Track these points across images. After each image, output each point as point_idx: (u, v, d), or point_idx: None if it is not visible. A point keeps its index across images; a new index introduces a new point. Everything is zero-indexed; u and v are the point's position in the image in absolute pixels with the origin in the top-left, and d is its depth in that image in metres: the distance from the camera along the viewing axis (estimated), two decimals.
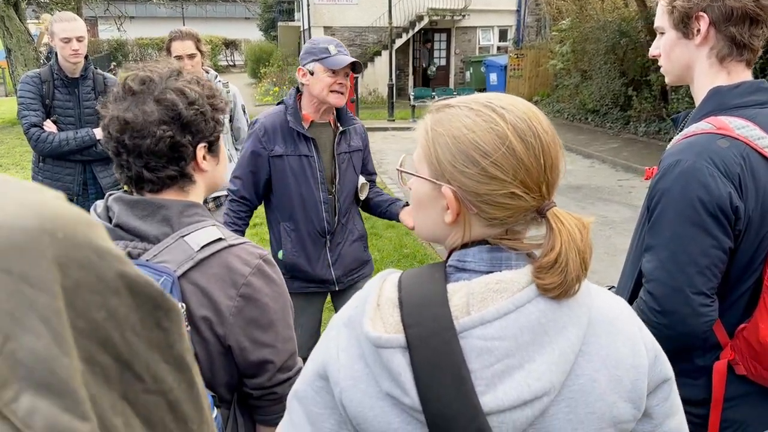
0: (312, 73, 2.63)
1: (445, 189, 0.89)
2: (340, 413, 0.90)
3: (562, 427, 0.85)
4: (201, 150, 1.32)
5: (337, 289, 2.90)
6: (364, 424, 0.86)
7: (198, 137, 1.30)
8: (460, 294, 0.86)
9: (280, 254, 2.84)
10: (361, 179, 2.93)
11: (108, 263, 0.45)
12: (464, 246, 0.92)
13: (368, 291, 0.92)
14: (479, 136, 0.87)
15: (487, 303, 0.85)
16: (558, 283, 0.83)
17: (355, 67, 2.65)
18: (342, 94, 2.66)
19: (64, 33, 3.49)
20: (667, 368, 0.94)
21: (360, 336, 0.87)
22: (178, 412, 0.50)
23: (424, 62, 22.02)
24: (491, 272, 0.88)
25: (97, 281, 0.44)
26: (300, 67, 2.69)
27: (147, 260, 1.20)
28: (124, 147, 1.25)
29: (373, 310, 0.88)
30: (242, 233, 2.82)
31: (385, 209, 2.95)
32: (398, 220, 2.77)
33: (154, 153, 1.25)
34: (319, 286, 2.89)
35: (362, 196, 2.94)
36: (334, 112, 2.81)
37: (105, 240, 0.46)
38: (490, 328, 0.83)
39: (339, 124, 2.82)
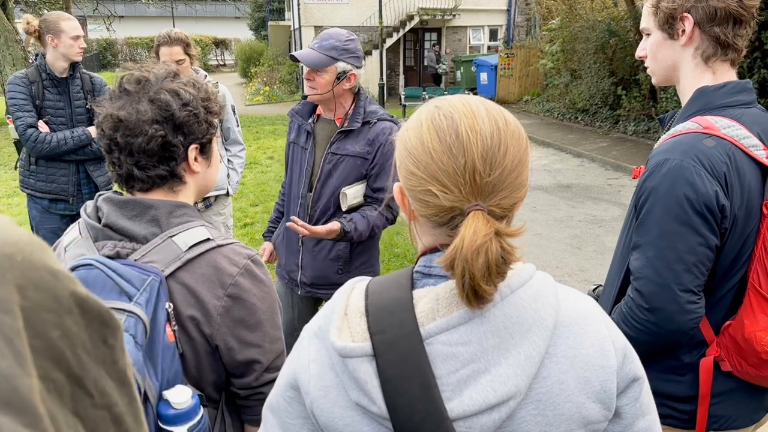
0: None
1: (395, 184, 0.94)
2: (312, 423, 0.90)
3: (531, 430, 0.84)
4: (193, 151, 1.33)
5: (299, 293, 2.80)
6: None
7: (190, 138, 1.31)
8: (426, 300, 0.86)
9: None
10: (347, 189, 2.59)
11: (62, 284, 0.47)
12: (431, 251, 0.92)
13: (336, 300, 0.92)
14: (408, 133, 0.90)
15: (453, 308, 0.84)
16: (460, 291, 0.80)
17: (297, 59, 2.56)
18: (311, 88, 2.55)
19: (75, 31, 3.50)
20: (636, 367, 0.93)
21: (329, 346, 0.87)
22: (121, 425, 0.52)
23: (430, 62, 21.92)
24: None
25: (52, 301, 0.46)
26: None
27: (135, 260, 1.20)
28: (116, 144, 1.26)
29: (340, 319, 0.88)
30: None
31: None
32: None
33: (145, 152, 1.26)
34: (290, 281, 2.83)
35: (343, 207, 2.61)
36: (350, 112, 2.63)
37: (57, 262, 0.48)
38: (455, 333, 0.83)
39: (346, 125, 2.64)
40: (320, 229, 2.45)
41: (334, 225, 2.48)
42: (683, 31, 1.49)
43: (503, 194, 0.86)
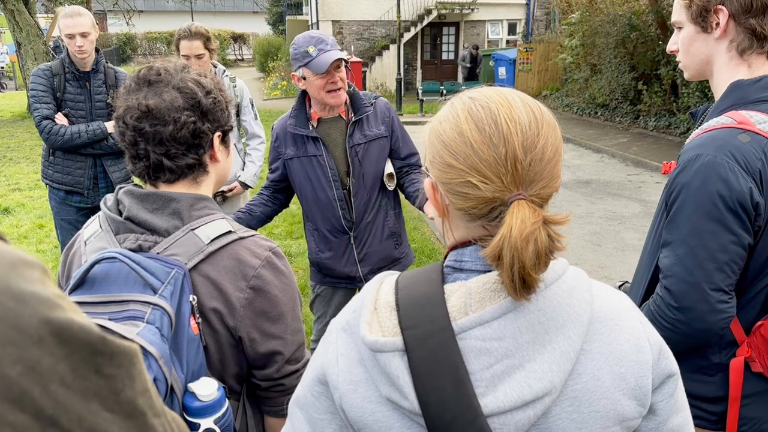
0: (304, 78, 2.61)
1: (426, 179, 0.93)
2: (341, 418, 0.89)
3: (566, 427, 0.83)
4: (217, 139, 1.34)
5: (361, 286, 2.85)
6: (364, 429, 0.86)
7: (215, 125, 1.33)
8: (457, 294, 0.85)
9: (308, 253, 2.94)
10: (389, 168, 2.77)
11: (29, 310, 0.41)
12: (462, 245, 0.91)
13: (365, 294, 0.91)
14: (443, 126, 0.89)
15: (485, 303, 0.83)
16: (507, 281, 0.79)
17: (345, 61, 2.59)
18: (338, 90, 2.61)
19: (68, 29, 3.51)
20: (671, 363, 0.92)
21: (358, 340, 0.86)
22: None
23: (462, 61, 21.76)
24: (488, 271, 0.86)
25: (11, 331, 0.39)
26: (293, 74, 2.68)
27: (158, 253, 1.20)
28: (143, 135, 1.25)
29: (370, 313, 0.87)
30: (254, 217, 2.86)
31: (414, 199, 2.77)
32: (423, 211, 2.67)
33: (176, 140, 1.26)
34: (348, 282, 2.86)
35: (390, 187, 2.79)
36: (348, 102, 2.73)
37: (31, 282, 0.41)
38: (488, 328, 0.82)
39: (353, 114, 2.72)
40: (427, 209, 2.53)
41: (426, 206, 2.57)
42: (717, 24, 1.45)
43: (542, 183, 0.85)
